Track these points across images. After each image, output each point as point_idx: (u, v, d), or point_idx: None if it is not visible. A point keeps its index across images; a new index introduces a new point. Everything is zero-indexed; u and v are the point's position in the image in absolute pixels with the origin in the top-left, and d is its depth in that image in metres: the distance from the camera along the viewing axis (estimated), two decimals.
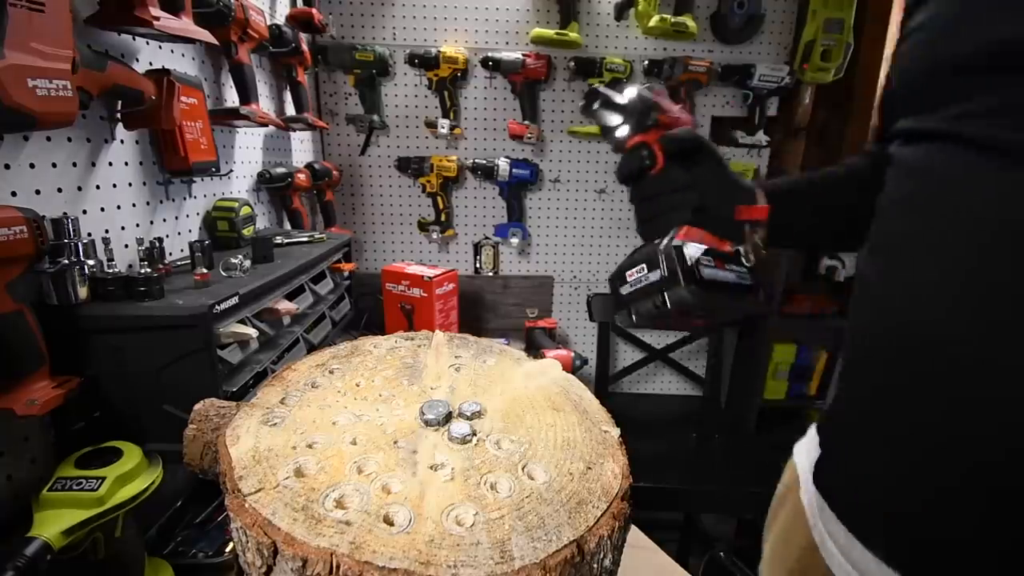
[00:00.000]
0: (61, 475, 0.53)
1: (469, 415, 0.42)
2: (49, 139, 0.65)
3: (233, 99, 1.09)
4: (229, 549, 0.66)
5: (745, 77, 1.64)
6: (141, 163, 0.82)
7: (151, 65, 0.83)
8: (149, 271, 0.66)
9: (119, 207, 0.77)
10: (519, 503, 0.33)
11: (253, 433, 0.38)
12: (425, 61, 1.59)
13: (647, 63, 1.65)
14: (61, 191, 0.67)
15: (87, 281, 0.62)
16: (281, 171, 1.25)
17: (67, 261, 0.59)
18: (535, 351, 1.64)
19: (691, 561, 1.72)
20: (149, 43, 0.83)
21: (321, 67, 1.60)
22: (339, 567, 0.27)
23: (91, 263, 0.63)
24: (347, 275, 1.26)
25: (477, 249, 1.83)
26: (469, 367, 0.51)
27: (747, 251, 0.47)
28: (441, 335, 0.57)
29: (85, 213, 0.71)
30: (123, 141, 0.77)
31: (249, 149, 1.20)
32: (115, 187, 0.76)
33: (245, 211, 1.02)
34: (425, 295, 1.43)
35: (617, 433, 0.42)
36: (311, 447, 0.37)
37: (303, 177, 1.36)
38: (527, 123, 1.67)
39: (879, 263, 0.41)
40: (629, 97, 0.49)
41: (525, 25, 1.62)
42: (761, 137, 1.73)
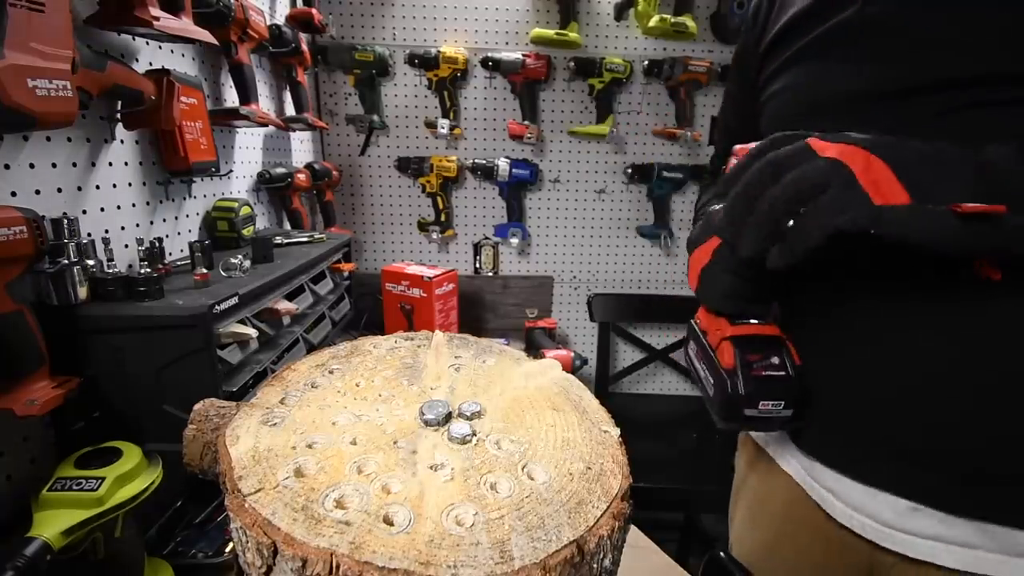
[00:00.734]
0: (61, 475, 0.53)
1: (469, 415, 0.42)
2: (49, 139, 0.65)
3: (233, 99, 1.09)
4: (229, 549, 0.66)
5: None
6: (141, 163, 0.82)
7: (151, 65, 0.83)
8: (149, 271, 0.66)
9: (119, 207, 0.77)
10: (519, 503, 0.33)
11: (253, 433, 0.38)
12: (425, 61, 1.59)
13: (647, 63, 1.65)
14: (61, 191, 0.67)
15: (87, 281, 0.62)
16: (281, 171, 1.26)
17: (67, 261, 0.59)
18: (535, 351, 1.64)
19: (691, 561, 1.71)
20: (149, 43, 0.83)
21: (321, 67, 1.60)
22: (339, 567, 0.27)
23: (91, 263, 0.63)
24: (347, 275, 1.26)
25: (477, 249, 1.83)
26: (469, 367, 0.51)
27: None
28: (441, 335, 0.57)
29: (85, 213, 0.71)
30: (123, 141, 0.77)
31: (249, 149, 1.20)
32: (115, 187, 0.76)
33: (245, 211, 1.02)
34: (425, 295, 1.43)
35: (617, 433, 0.42)
36: (311, 447, 0.37)
37: (303, 177, 1.36)
38: (527, 123, 1.67)
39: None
40: None
41: (525, 25, 1.62)
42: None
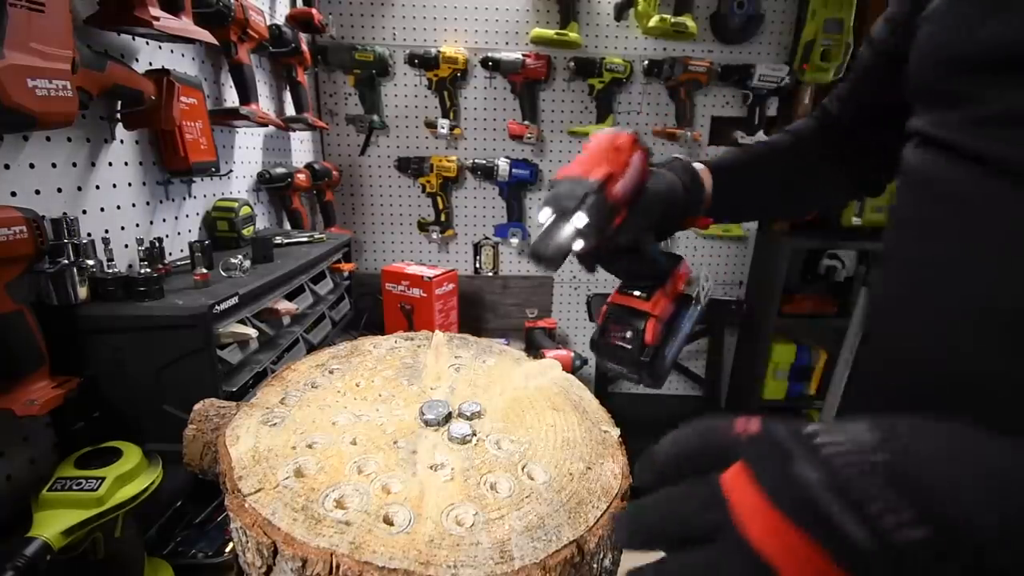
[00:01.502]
0: (61, 475, 0.53)
1: (469, 415, 0.42)
2: (49, 139, 0.65)
3: (233, 99, 1.09)
4: (229, 549, 0.66)
5: (745, 77, 1.64)
6: (141, 163, 0.81)
7: (151, 65, 0.83)
8: (149, 271, 0.66)
9: (119, 207, 0.77)
10: (519, 503, 0.33)
11: (253, 433, 0.38)
12: (425, 61, 1.59)
13: (647, 63, 1.65)
14: (61, 191, 0.67)
15: (87, 281, 0.61)
16: (281, 171, 1.25)
17: (67, 261, 0.59)
18: (535, 351, 1.64)
19: None
20: (149, 43, 0.83)
21: (321, 67, 1.60)
22: (339, 567, 0.27)
23: (91, 263, 0.63)
24: (347, 275, 1.26)
25: (477, 249, 1.83)
26: (469, 367, 0.51)
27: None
28: (441, 335, 0.57)
29: (85, 213, 0.71)
30: (123, 141, 0.77)
31: (249, 149, 1.20)
32: (115, 187, 0.76)
33: (245, 211, 1.02)
34: (425, 295, 1.43)
35: (617, 433, 0.42)
36: (311, 447, 0.37)
37: (303, 177, 1.36)
38: (527, 123, 1.67)
39: (898, 291, 0.40)
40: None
41: (525, 25, 1.62)
42: (761, 137, 1.73)
